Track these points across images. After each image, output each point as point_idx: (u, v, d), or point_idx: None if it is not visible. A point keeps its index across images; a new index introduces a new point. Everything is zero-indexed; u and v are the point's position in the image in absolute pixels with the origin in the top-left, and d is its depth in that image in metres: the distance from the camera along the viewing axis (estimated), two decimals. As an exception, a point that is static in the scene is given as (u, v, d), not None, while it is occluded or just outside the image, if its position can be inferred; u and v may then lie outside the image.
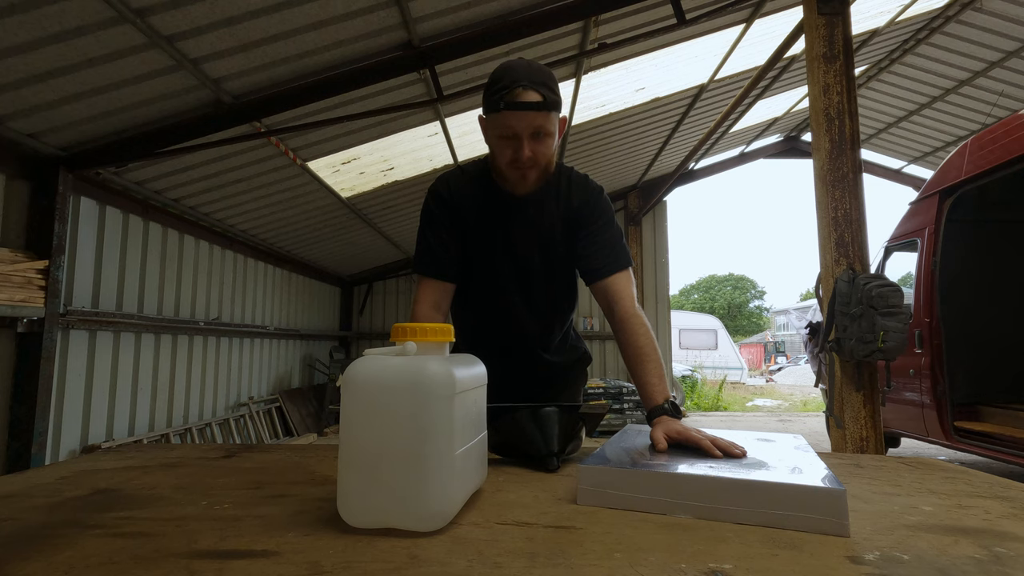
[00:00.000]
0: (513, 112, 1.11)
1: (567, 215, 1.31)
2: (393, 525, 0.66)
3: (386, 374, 0.69)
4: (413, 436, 0.67)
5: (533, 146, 1.15)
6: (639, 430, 1.05)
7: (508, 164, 1.18)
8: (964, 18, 5.99)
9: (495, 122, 1.15)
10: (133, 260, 4.39)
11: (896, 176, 9.99)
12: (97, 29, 2.66)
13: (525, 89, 1.10)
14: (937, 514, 0.74)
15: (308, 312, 8.12)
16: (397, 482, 0.67)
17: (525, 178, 1.21)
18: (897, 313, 2.73)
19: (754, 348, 28.44)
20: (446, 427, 0.69)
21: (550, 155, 1.20)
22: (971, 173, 4.15)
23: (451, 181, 1.33)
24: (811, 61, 3.15)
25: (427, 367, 0.70)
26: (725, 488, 0.70)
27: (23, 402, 3.25)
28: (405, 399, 0.68)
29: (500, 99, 1.11)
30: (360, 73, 3.64)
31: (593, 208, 1.30)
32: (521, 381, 1.40)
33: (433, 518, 0.67)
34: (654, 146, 8.12)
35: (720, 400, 11.77)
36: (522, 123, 1.11)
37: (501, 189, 1.29)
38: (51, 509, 0.75)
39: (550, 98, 1.12)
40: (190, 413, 5.16)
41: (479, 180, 1.31)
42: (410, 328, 0.76)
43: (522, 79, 1.10)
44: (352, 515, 0.68)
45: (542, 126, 1.13)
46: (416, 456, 0.67)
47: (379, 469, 0.67)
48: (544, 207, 1.30)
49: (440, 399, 0.69)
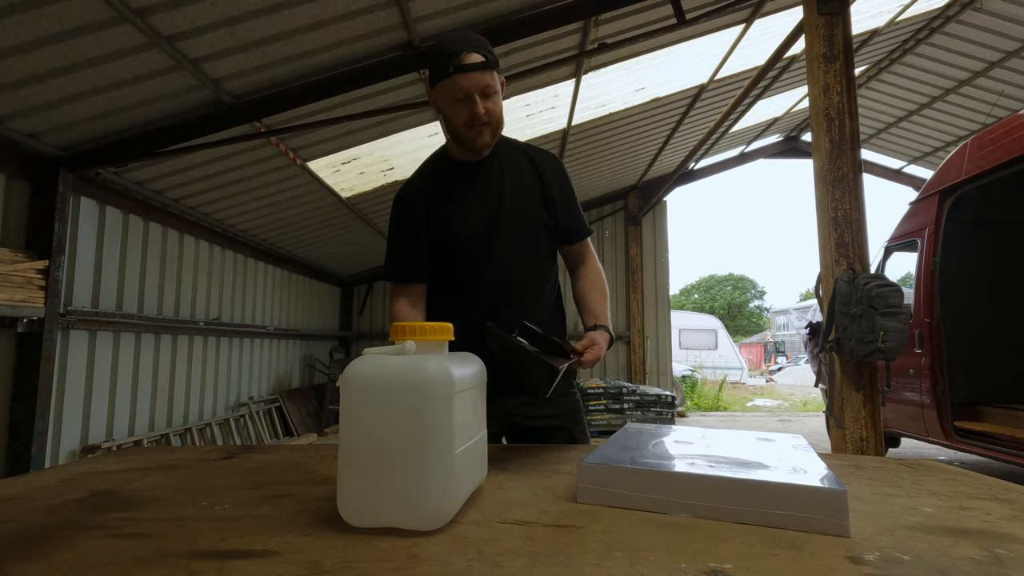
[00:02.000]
0: (463, 74, 1.21)
1: (537, 173, 1.41)
2: (393, 524, 0.66)
3: (385, 373, 0.69)
4: (413, 436, 0.67)
5: (484, 103, 1.24)
6: (639, 430, 1.05)
7: (464, 124, 1.27)
8: (964, 18, 5.99)
9: (447, 88, 1.24)
10: (133, 260, 4.39)
11: (896, 176, 9.99)
12: (97, 29, 2.66)
13: (468, 53, 1.21)
14: (937, 515, 0.74)
15: (308, 312, 8.12)
16: (397, 482, 0.66)
17: (481, 134, 1.29)
18: (897, 313, 2.73)
19: (754, 348, 28.44)
20: (445, 426, 0.69)
21: (500, 111, 1.30)
22: (971, 173, 4.14)
23: (409, 181, 1.44)
24: (811, 61, 3.15)
25: (426, 366, 0.69)
26: (725, 488, 0.70)
27: (23, 402, 3.25)
28: (404, 398, 0.68)
29: (449, 64, 1.21)
30: (360, 73, 3.64)
31: (561, 175, 1.44)
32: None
33: (433, 517, 0.66)
34: (654, 146, 8.13)
35: (720, 400, 11.77)
36: (471, 82, 1.22)
37: (459, 161, 1.39)
38: (51, 511, 0.75)
39: (490, 58, 1.24)
40: (190, 413, 5.16)
41: (437, 162, 1.42)
42: (409, 327, 0.76)
43: (463, 45, 1.22)
44: (352, 515, 0.68)
45: (489, 84, 1.24)
46: (416, 456, 0.67)
47: (379, 469, 0.67)
48: (506, 163, 1.40)
49: (439, 399, 0.68)
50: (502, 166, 1.39)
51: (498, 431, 1.41)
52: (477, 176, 1.38)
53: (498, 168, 1.39)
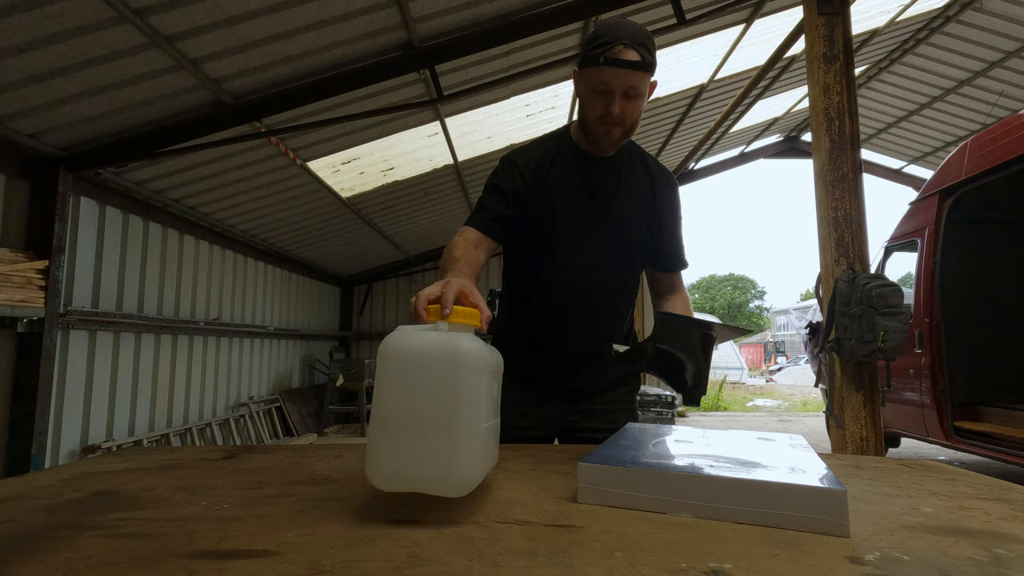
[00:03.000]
0: (611, 68, 1.13)
1: (652, 190, 1.34)
2: (420, 489, 0.70)
3: (423, 346, 0.73)
4: (446, 405, 0.71)
5: (624, 104, 1.18)
6: (639, 429, 1.05)
7: (597, 118, 1.20)
8: (964, 18, 5.99)
9: (591, 76, 1.17)
10: (133, 260, 4.39)
11: (896, 176, 9.99)
12: (97, 29, 2.66)
13: (626, 47, 1.13)
14: (937, 515, 0.74)
15: (308, 312, 8.12)
16: (428, 448, 0.70)
17: (609, 134, 1.22)
18: (897, 313, 2.73)
19: (754, 348, 28.44)
20: (476, 399, 0.73)
21: (638, 115, 1.23)
22: (971, 173, 4.14)
23: (526, 147, 1.35)
24: (811, 61, 3.15)
25: (462, 342, 0.74)
26: (725, 488, 0.70)
27: (23, 402, 3.25)
28: (440, 370, 0.72)
29: (600, 54, 1.13)
30: (360, 73, 3.64)
31: (675, 193, 1.37)
32: (576, 344, 1.33)
33: (460, 484, 0.70)
34: (654, 146, 8.13)
35: (720, 400, 11.77)
36: (617, 80, 1.14)
37: (581, 150, 1.31)
38: (51, 511, 0.75)
39: (648, 59, 1.15)
40: (190, 413, 5.16)
41: (558, 140, 1.34)
42: (440, 310, 0.80)
43: (624, 37, 1.13)
44: (380, 478, 0.71)
45: (635, 85, 1.16)
46: (448, 424, 0.71)
47: (410, 435, 0.71)
48: (625, 170, 1.32)
49: (474, 372, 0.73)
50: (620, 171, 1.31)
51: (550, 433, 1.38)
52: (593, 172, 1.30)
53: (615, 172, 1.31)
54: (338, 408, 7.51)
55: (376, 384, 0.74)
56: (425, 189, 6.25)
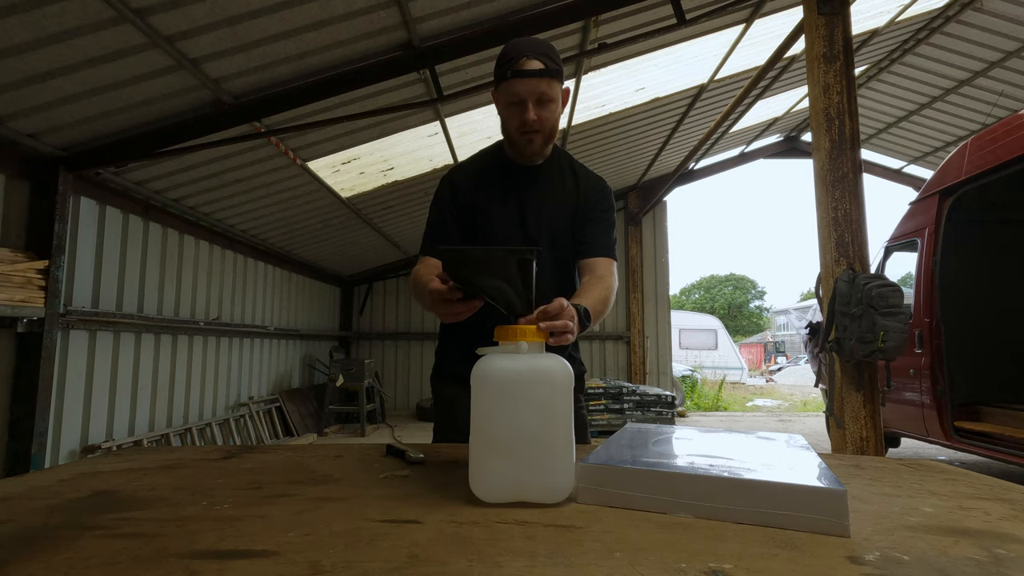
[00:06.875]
0: (519, 79, 1.23)
1: (580, 196, 1.41)
2: (524, 499, 0.77)
3: (518, 370, 0.80)
4: (544, 422, 0.78)
5: (538, 111, 1.26)
6: (639, 429, 1.05)
7: (516, 129, 1.29)
8: (964, 18, 5.99)
9: (505, 91, 1.27)
10: (133, 260, 4.39)
11: (896, 176, 9.99)
12: (97, 29, 2.66)
13: (529, 59, 1.23)
14: (938, 515, 0.74)
15: (308, 312, 8.12)
16: (529, 461, 0.77)
17: (532, 142, 1.31)
18: (897, 313, 2.73)
19: (754, 348, 28.42)
20: (567, 414, 0.80)
21: (554, 121, 1.32)
22: (971, 173, 4.14)
23: (463, 165, 1.46)
24: (811, 61, 3.15)
25: (552, 364, 0.81)
26: (725, 487, 0.70)
27: (23, 402, 3.25)
28: (537, 391, 0.79)
29: (507, 69, 1.24)
30: (360, 73, 3.64)
31: (604, 198, 1.43)
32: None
33: (561, 491, 0.77)
34: (654, 146, 8.12)
35: (720, 400, 11.77)
36: (527, 88, 1.23)
37: (511, 162, 1.40)
38: (51, 511, 0.75)
39: (551, 66, 1.24)
40: (190, 413, 5.15)
41: (492, 156, 1.44)
42: (519, 329, 0.84)
43: (526, 51, 1.23)
44: (486, 493, 0.77)
45: (545, 91, 1.25)
46: (547, 439, 0.78)
47: (513, 451, 0.77)
48: (553, 177, 1.41)
49: (566, 390, 0.80)
50: (549, 177, 1.40)
51: None
52: (522, 182, 1.39)
53: (543, 178, 1.39)
54: (338, 408, 7.51)
55: (474, 407, 0.80)
56: (425, 189, 6.25)
